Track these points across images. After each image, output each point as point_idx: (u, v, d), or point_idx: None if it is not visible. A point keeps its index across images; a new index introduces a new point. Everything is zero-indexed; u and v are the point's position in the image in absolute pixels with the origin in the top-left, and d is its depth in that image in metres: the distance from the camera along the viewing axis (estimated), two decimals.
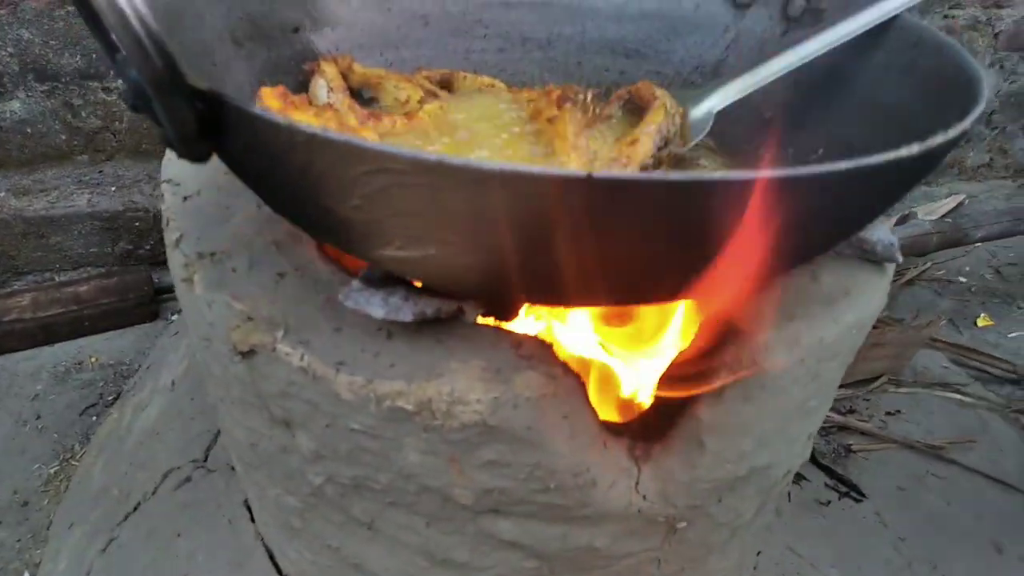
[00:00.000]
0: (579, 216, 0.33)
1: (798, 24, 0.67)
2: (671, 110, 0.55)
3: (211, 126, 0.38)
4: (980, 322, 1.45)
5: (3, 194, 1.49)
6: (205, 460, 0.84)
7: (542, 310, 0.57)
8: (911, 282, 1.51)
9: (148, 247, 1.53)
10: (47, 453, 1.15)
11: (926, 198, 1.79)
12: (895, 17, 0.59)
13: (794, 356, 0.46)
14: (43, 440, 1.18)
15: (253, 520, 0.74)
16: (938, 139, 0.37)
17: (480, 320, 0.48)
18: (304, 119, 0.54)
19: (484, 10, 0.74)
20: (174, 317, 1.41)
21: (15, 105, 1.47)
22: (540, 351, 0.46)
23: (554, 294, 0.41)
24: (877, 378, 1.12)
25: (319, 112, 0.57)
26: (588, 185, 0.31)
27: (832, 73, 0.62)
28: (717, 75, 0.70)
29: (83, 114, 1.51)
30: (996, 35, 1.66)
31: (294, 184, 0.38)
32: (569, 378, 0.45)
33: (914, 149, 0.35)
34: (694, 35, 0.72)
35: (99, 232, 1.49)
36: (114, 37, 0.33)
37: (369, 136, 0.56)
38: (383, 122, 0.60)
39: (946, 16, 1.62)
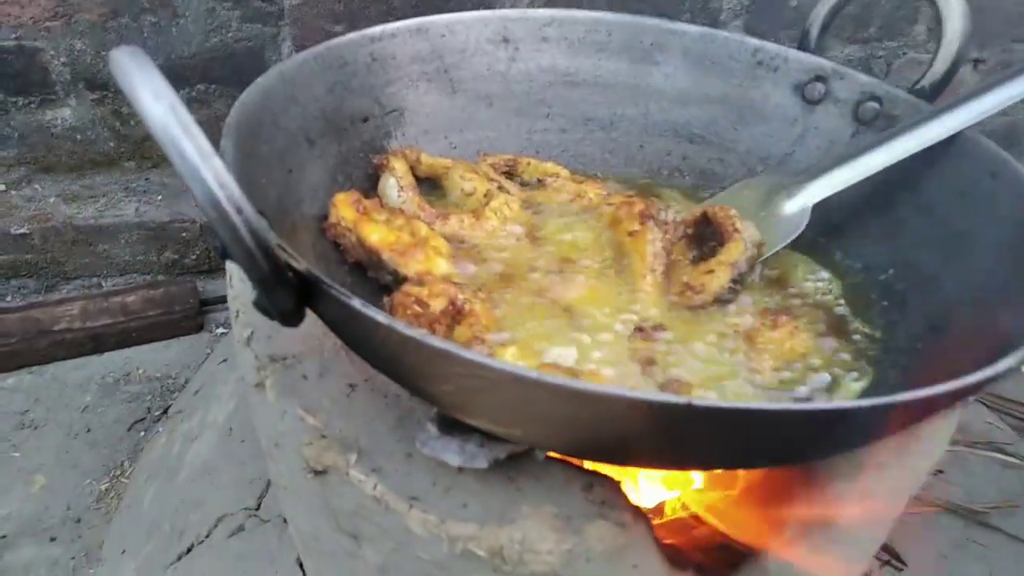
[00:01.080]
0: (669, 428, 0.34)
1: (869, 128, 0.66)
2: (750, 244, 0.55)
3: (307, 296, 0.39)
4: None
5: (53, 199, 1.51)
6: (257, 508, 0.86)
7: None
8: None
9: (193, 257, 1.55)
10: (98, 468, 1.18)
11: None
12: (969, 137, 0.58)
13: (865, 506, 0.47)
14: (93, 454, 1.21)
15: None
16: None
17: (550, 455, 0.49)
18: (377, 231, 0.55)
19: (548, 90, 0.74)
20: (219, 330, 1.44)
21: (66, 112, 1.48)
22: (610, 495, 0.47)
23: (625, 463, 0.42)
24: None
25: (390, 219, 0.58)
26: (687, 410, 0.32)
27: (906, 185, 0.61)
28: (782, 170, 0.70)
29: (131, 122, 1.52)
30: None
31: (387, 358, 0.39)
32: (639, 524, 0.46)
33: (1006, 364, 0.35)
34: (761, 126, 0.72)
35: (145, 241, 1.52)
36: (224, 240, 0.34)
37: (440, 246, 0.57)
38: (451, 222, 0.61)
39: (1005, 50, 1.58)
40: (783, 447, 0.37)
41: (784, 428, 0.34)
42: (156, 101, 0.31)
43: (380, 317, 0.34)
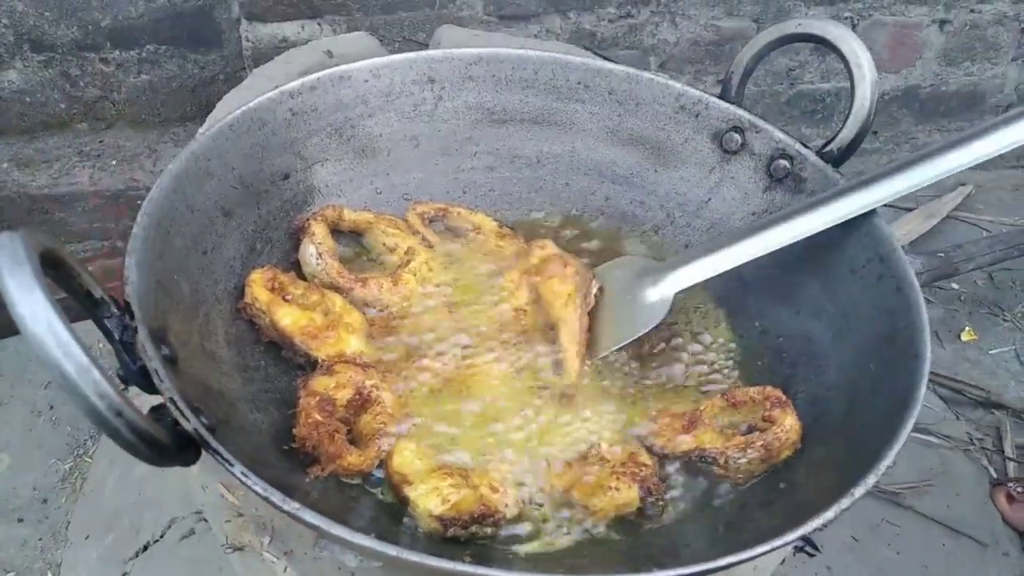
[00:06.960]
0: None
1: (780, 185, 0.67)
2: None
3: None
4: (964, 336, 1.47)
5: (6, 165, 1.50)
6: None
7: None
8: None
9: None
10: (62, 448, 1.23)
11: (933, 188, 1.77)
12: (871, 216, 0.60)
13: None
14: (58, 433, 1.25)
15: None
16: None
17: None
18: (289, 315, 0.57)
19: (474, 128, 0.74)
20: None
21: (12, 75, 1.45)
22: None
23: None
24: None
25: (306, 295, 0.60)
26: None
27: (808, 253, 0.63)
28: (699, 216, 0.72)
29: (81, 84, 1.50)
30: (1022, 30, 1.61)
31: None
32: None
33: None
34: (680, 170, 0.73)
35: (102, 208, 1.52)
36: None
37: (354, 322, 0.59)
38: (370, 287, 0.63)
39: (972, 11, 1.56)
40: None
41: None
42: (34, 322, 0.33)
43: (258, 488, 0.37)
